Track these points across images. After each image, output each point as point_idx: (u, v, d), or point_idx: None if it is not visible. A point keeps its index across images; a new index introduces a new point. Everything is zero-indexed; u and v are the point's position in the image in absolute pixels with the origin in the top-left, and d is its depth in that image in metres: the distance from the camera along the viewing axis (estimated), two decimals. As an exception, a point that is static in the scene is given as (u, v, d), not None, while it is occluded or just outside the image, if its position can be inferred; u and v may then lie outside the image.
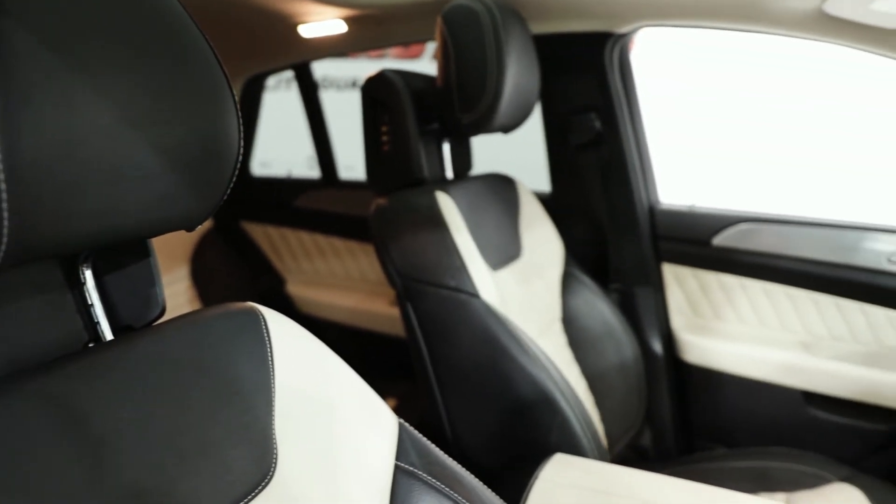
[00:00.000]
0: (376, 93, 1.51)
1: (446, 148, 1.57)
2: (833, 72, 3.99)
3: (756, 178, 4.20)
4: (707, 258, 1.93)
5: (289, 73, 2.52)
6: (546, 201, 1.85)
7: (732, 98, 4.33)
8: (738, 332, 1.94)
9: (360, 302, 2.49)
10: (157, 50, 0.55)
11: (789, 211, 1.93)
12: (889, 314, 1.81)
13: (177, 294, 2.75)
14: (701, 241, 1.92)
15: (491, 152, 2.16)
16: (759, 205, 1.99)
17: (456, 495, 0.72)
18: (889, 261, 1.79)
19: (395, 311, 2.38)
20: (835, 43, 1.46)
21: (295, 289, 2.65)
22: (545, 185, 2.04)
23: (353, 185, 2.58)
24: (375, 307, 2.45)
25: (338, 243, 2.56)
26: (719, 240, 1.90)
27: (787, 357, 1.85)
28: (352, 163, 2.73)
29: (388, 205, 1.40)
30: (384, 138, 1.50)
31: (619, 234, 1.95)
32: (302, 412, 0.68)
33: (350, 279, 2.58)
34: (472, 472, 0.79)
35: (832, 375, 1.82)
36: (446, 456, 0.77)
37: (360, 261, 2.53)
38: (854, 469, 1.55)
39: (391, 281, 1.36)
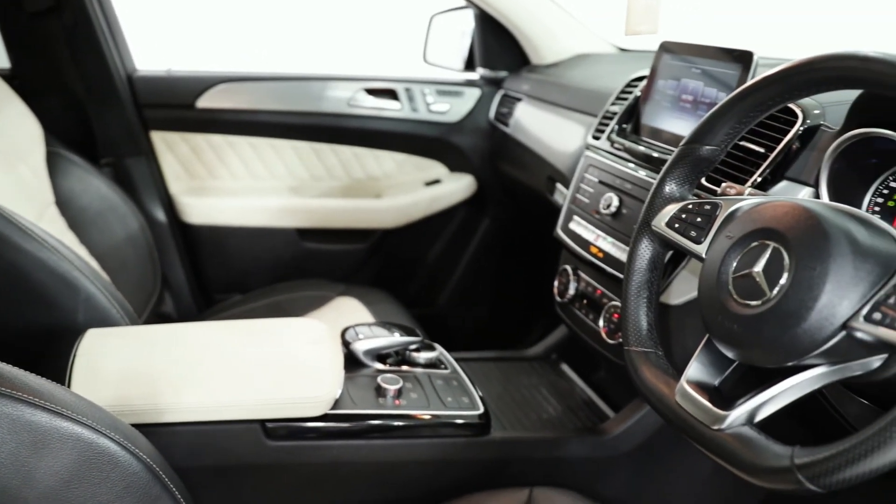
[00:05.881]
0: None
1: None
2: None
3: (231, 38, 4.30)
4: (193, 121, 1.98)
5: None
6: (9, 78, 1.67)
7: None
8: (234, 187, 2.07)
9: None
10: None
11: (262, 68, 2.08)
12: (355, 150, 2.12)
13: None
14: (185, 105, 1.96)
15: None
16: (235, 64, 2.09)
17: None
18: (349, 105, 2.07)
19: None
20: None
21: None
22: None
23: None
24: None
25: None
26: (202, 102, 1.96)
27: (280, 202, 2.05)
28: None
29: None
30: None
31: (100, 107, 1.87)
32: None
33: None
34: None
35: (318, 211, 2.08)
36: None
37: None
38: (348, 283, 1.84)
39: None
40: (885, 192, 0.89)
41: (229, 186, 2.07)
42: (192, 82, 1.97)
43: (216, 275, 2.09)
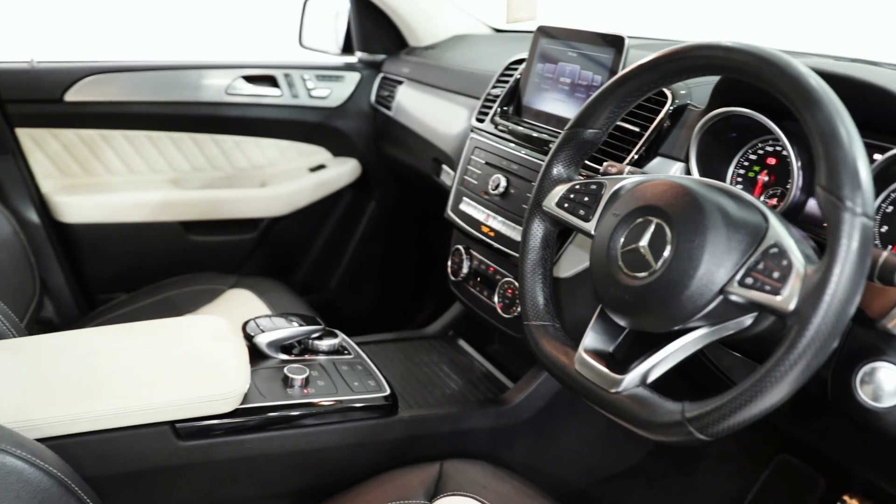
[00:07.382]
0: None
1: None
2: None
3: (97, 27, 4.08)
4: (62, 116, 1.89)
5: None
6: None
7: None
8: (111, 182, 1.99)
9: None
10: None
11: (134, 57, 2.00)
12: (236, 139, 2.09)
13: None
14: (52, 99, 1.86)
15: None
16: (105, 54, 2.00)
17: None
18: (227, 93, 2.03)
19: None
20: None
21: None
22: None
23: None
24: None
25: None
26: (71, 95, 1.87)
27: (161, 195, 1.99)
28: None
29: None
30: None
31: None
32: None
33: None
34: None
35: (202, 203, 2.04)
36: None
37: None
38: (238, 275, 1.82)
39: None
40: (746, 164, 0.98)
41: (106, 182, 1.99)
42: (58, 74, 1.87)
43: (98, 275, 2.01)
